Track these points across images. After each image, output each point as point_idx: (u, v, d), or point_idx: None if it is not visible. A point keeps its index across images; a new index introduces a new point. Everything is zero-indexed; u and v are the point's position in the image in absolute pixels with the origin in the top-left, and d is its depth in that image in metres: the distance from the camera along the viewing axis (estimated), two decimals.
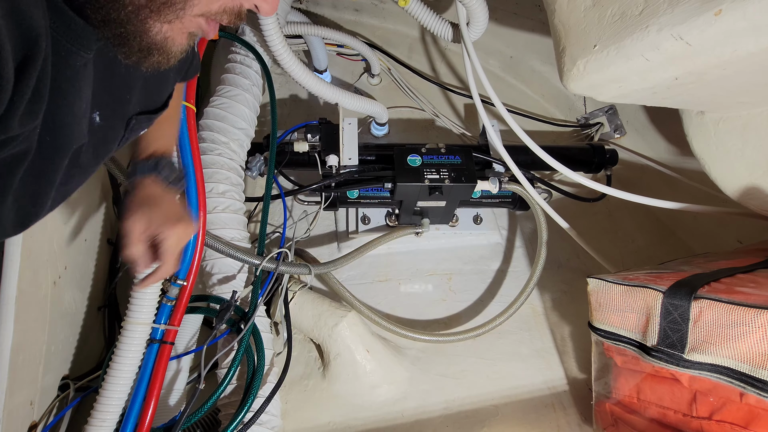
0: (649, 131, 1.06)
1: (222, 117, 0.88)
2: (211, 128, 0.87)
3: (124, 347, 0.65)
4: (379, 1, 1.33)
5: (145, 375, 0.67)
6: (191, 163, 0.72)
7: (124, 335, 0.66)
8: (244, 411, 0.69)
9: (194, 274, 0.70)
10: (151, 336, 0.68)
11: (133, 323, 0.66)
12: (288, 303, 0.86)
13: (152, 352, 0.68)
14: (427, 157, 0.90)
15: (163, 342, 0.68)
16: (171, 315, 0.70)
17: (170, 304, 0.70)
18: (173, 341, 0.70)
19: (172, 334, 0.69)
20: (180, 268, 0.69)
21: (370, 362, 0.85)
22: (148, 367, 0.67)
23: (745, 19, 0.42)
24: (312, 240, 1.06)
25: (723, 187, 0.72)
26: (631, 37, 0.51)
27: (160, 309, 0.69)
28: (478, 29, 0.87)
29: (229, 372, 0.71)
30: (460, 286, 1.03)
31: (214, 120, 0.88)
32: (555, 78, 1.23)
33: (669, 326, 0.61)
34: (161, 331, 0.69)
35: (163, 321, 0.69)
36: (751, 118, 0.65)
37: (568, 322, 0.98)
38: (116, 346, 0.66)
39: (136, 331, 0.66)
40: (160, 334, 0.69)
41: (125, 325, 0.66)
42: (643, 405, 0.69)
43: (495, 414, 0.86)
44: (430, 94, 1.31)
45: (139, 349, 0.66)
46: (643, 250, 1.09)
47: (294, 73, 0.92)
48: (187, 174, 0.72)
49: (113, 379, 0.65)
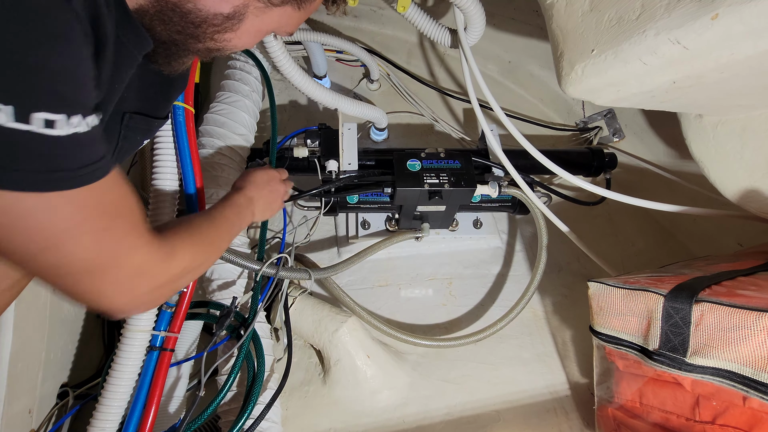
0: (648, 134, 1.06)
1: (222, 123, 0.89)
2: (211, 134, 0.87)
3: (124, 354, 0.65)
4: (377, 8, 1.34)
5: (144, 382, 0.66)
6: (191, 168, 0.72)
7: (123, 342, 0.66)
8: (244, 417, 0.69)
9: (194, 281, 0.70)
10: (150, 343, 0.68)
11: (133, 330, 0.66)
12: (288, 308, 0.86)
13: (152, 359, 0.67)
14: (426, 161, 0.90)
15: (163, 349, 0.68)
16: (171, 322, 0.70)
17: (170, 310, 0.70)
18: (173, 348, 0.69)
19: (172, 341, 0.69)
20: None
21: (370, 368, 0.85)
22: (147, 375, 0.67)
23: (742, 22, 0.42)
24: (312, 245, 1.06)
25: (722, 190, 0.72)
26: (629, 42, 0.51)
27: (159, 316, 0.69)
28: (476, 34, 0.87)
29: (229, 379, 0.71)
30: (460, 290, 1.03)
31: (214, 126, 0.88)
32: (553, 82, 1.23)
33: (670, 330, 0.60)
34: (161, 338, 0.68)
35: (163, 328, 0.69)
36: (750, 121, 0.65)
37: (569, 326, 0.97)
38: (115, 354, 0.66)
39: (136, 339, 0.66)
40: (160, 342, 0.68)
41: (125, 333, 0.66)
42: (645, 409, 0.68)
43: (497, 419, 0.85)
44: (429, 99, 1.32)
45: (139, 357, 0.66)
46: (643, 253, 1.09)
47: (293, 79, 0.93)
48: (185, 179, 0.72)
49: (113, 387, 0.65)
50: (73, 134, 0.32)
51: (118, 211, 0.38)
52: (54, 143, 0.31)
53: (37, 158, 0.30)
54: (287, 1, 0.45)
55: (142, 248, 0.40)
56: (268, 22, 0.46)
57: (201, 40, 0.44)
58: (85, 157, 0.33)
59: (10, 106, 0.28)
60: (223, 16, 0.42)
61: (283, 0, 0.44)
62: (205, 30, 0.43)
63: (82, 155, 0.33)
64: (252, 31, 0.46)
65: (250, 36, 0.46)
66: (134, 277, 0.40)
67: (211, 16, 0.42)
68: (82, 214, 0.35)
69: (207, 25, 0.43)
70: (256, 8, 0.44)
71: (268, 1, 0.44)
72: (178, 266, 0.45)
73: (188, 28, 0.42)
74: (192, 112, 0.73)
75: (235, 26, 0.44)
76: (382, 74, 1.32)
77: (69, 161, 0.32)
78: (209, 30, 0.43)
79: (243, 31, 0.45)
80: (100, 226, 0.36)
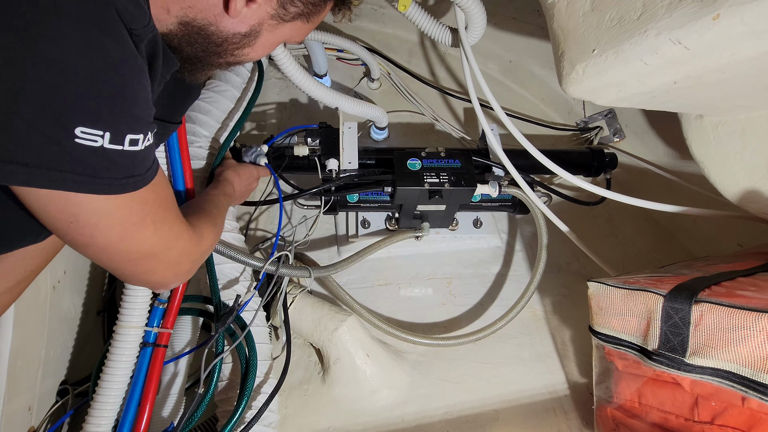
0: (649, 135, 1.06)
1: (206, 111, 0.88)
2: (194, 120, 0.86)
3: (117, 351, 0.65)
4: (378, 6, 1.34)
5: (139, 379, 0.66)
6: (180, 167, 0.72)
7: (116, 339, 0.66)
8: (237, 414, 0.69)
9: None
10: (144, 339, 0.68)
11: (125, 326, 0.66)
12: (287, 307, 0.86)
13: (146, 356, 0.67)
14: (426, 161, 0.90)
15: (157, 345, 0.68)
16: (163, 317, 0.70)
17: (162, 306, 0.70)
18: (167, 344, 0.69)
19: (165, 337, 0.69)
20: None
21: (370, 366, 0.85)
22: (141, 371, 0.67)
23: (744, 23, 0.42)
24: (312, 244, 1.06)
25: (722, 191, 0.72)
26: (630, 42, 0.51)
27: (152, 312, 0.69)
28: (477, 33, 0.87)
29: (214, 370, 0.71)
30: (460, 289, 1.03)
31: (198, 113, 0.87)
32: (554, 82, 1.23)
33: (670, 330, 0.60)
34: (154, 335, 0.68)
35: (156, 324, 0.69)
36: (750, 122, 0.65)
37: (568, 326, 0.97)
38: (109, 351, 0.66)
39: (129, 335, 0.66)
40: (153, 338, 0.68)
41: (117, 329, 0.66)
42: (644, 409, 0.68)
43: (496, 418, 0.85)
44: (429, 99, 1.32)
45: (132, 353, 0.66)
46: (643, 253, 1.09)
47: (294, 77, 0.93)
48: (174, 172, 0.73)
49: (107, 384, 0.65)
50: (147, 147, 0.40)
51: (168, 202, 0.46)
52: (135, 156, 0.39)
53: (121, 168, 0.38)
54: (298, 16, 0.49)
55: (184, 233, 0.49)
56: (280, 36, 0.51)
57: (222, 56, 0.50)
58: (148, 162, 0.41)
59: (108, 132, 0.35)
60: (241, 35, 0.48)
61: (294, 15, 0.49)
62: (226, 48, 0.49)
63: (147, 161, 0.41)
64: (267, 44, 0.51)
65: (264, 48, 0.52)
66: (181, 257, 0.49)
67: (231, 36, 0.47)
68: (147, 208, 0.42)
69: (228, 44, 0.48)
70: (270, 25, 0.48)
71: (280, 18, 0.48)
72: (205, 245, 0.56)
73: (211, 47, 0.48)
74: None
75: (252, 42, 0.49)
76: (382, 73, 1.32)
77: (140, 167, 0.40)
78: (230, 48, 0.49)
79: (259, 45, 0.50)
80: (159, 218, 0.44)
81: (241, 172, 0.81)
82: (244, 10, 0.45)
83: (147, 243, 0.44)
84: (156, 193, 0.43)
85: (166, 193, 0.46)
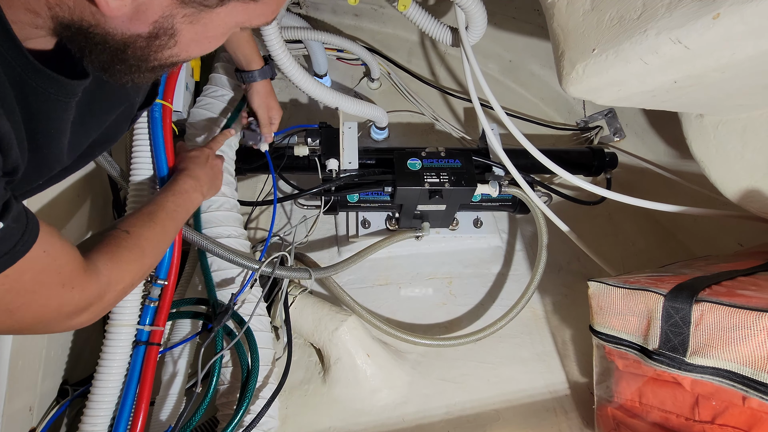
0: (649, 134, 1.06)
1: (206, 118, 0.88)
2: (195, 127, 0.87)
3: (110, 350, 0.65)
4: (378, 6, 1.34)
5: (133, 378, 0.66)
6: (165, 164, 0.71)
7: (108, 338, 0.66)
8: (239, 415, 0.69)
9: (175, 273, 0.70)
10: (137, 338, 0.68)
11: (117, 325, 0.66)
12: (288, 307, 0.86)
13: (139, 354, 0.67)
14: (427, 160, 0.90)
15: (150, 344, 0.68)
16: (155, 316, 0.69)
17: (153, 305, 0.69)
18: (160, 342, 0.69)
19: (158, 335, 0.69)
20: (160, 268, 0.69)
21: (370, 366, 0.85)
22: (135, 370, 0.67)
23: (744, 22, 0.42)
24: (312, 244, 1.06)
25: (723, 190, 0.72)
26: (630, 41, 0.51)
27: (143, 311, 0.69)
28: (477, 33, 0.87)
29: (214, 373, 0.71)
30: (460, 289, 1.03)
31: (199, 120, 0.87)
32: (554, 81, 1.23)
33: (670, 329, 0.60)
34: (147, 333, 0.68)
35: (148, 322, 0.69)
36: (751, 121, 0.65)
37: (569, 326, 0.97)
38: (102, 350, 0.66)
39: (121, 333, 0.66)
40: (146, 336, 0.68)
41: (109, 328, 0.66)
42: (645, 409, 0.68)
43: (496, 418, 0.85)
44: (429, 98, 1.32)
45: (125, 351, 0.66)
46: (643, 253, 1.09)
47: (294, 77, 0.93)
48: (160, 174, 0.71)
49: (101, 383, 0.65)
50: None
51: (40, 280, 0.40)
52: None
53: None
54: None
55: (75, 294, 0.44)
56: (214, 26, 0.39)
57: (144, 61, 0.39)
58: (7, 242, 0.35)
59: None
60: (144, 37, 0.37)
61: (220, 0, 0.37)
62: (136, 53, 0.38)
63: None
64: (199, 38, 0.39)
65: (200, 44, 0.40)
66: (76, 312, 0.45)
67: (132, 40, 0.37)
68: (19, 286, 0.38)
69: (134, 48, 0.37)
70: (185, 16, 0.36)
71: (198, 4, 0.36)
72: (114, 290, 0.49)
73: (117, 54, 0.38)
74: (170, 109, 0.73)
75: (169, 42, 0.38)
76: (382, 73, 1.32)
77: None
78: (141, 53, 0.38)
79: (186, 42, 0.39)
80: (20, 303, 0.39)
81: (195, 158, 0.71)
82: (116, 4, 0.33)
83: (12, 326, 0.41)
84: (29, 270, 0.38)
85: (49, 263, 0.40)
